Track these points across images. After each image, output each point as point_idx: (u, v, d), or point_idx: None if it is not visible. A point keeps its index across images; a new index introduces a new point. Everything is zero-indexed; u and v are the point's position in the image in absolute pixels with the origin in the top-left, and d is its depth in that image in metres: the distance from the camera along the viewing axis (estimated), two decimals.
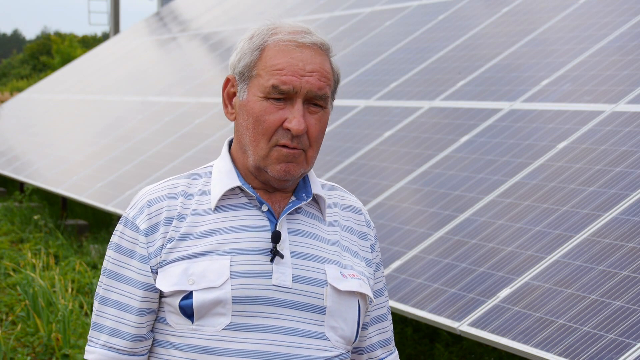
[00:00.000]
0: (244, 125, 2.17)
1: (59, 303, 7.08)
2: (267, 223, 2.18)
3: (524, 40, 7.11)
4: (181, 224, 2.17)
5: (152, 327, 2.20)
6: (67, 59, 30.25)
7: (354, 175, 6.56)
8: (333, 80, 2.20)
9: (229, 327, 2.12)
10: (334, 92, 2.22)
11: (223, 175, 2.21)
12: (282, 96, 2.13)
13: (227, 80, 2.23)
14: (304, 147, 2.15)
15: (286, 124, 2.12)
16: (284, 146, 2.13)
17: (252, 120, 2.15)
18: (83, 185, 10.09)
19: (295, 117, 2.12)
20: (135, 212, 2.20)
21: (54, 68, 30.62)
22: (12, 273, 8.56)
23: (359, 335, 2.27)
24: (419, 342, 6.76)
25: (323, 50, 2.18)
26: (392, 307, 4.72)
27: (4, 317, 7.68)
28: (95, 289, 4.10)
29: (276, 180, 2.17)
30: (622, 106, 5.48)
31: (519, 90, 6.40)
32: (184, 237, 2.16)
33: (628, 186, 4.74)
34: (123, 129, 11.56)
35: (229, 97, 2.23)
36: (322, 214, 2.26)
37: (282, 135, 2.13)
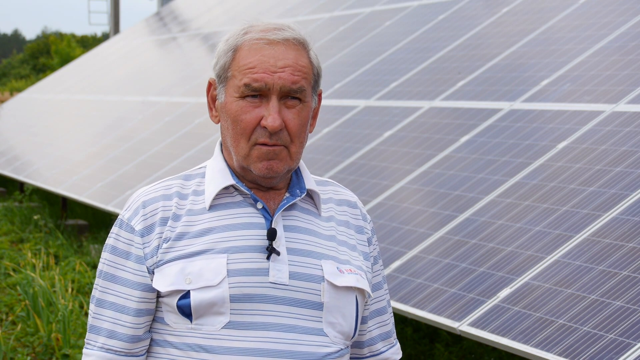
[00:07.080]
0: (225, 126, 2.19)
1: (59, 303, 7.07)
2: (262, 220, 2.18)
3: (524, 40, 7.10)
4: (176, 224, 2.17)
5: (150, 328, 2.20)
6: (66, 59, 30.29)
7: (354, 175, 6.56)
8: (312, 74, 2.18)
9: (228, 326, 2.12)
10: (315, 85, 2.20)
11: (217, 174, 2.21)
12: (257, 93, 2.13)
13: (210, 84, 2.25)
14: (285, 143, 2.15)
15: (262, 122, 2.13)
16: (264, 144, 2.13)
17: (230, 121, 2.16)
18: (83, 185, 10.09)
19: (270, 114, 2.12)
20: (130, 213, 2.21)
21: (53, 68, 30.65)
22: (12, 273, 8.56)
23: (358, 330, 2.27)
24: (419, 342, 6.76)
25: (298, 44, 2.17)
26: (392, 307, 4.71)
27: (4, 317, 7.67)
28: None
29: (261, 178, 2.18)
30: (622, 106, 5.48)
31: (519, 90, 6.39)
32: (179, 236, 2.16)
33: (628, 186, 4.74)
34: (123, 128, 11.56)
35: (212, 100, 2.25)
36: (317, 209, 2.26)
37: (260, 134, 2.13)
